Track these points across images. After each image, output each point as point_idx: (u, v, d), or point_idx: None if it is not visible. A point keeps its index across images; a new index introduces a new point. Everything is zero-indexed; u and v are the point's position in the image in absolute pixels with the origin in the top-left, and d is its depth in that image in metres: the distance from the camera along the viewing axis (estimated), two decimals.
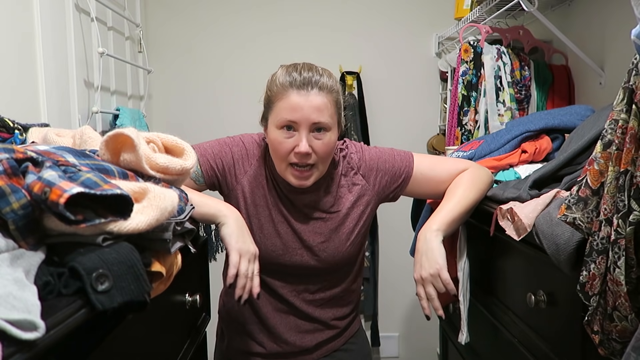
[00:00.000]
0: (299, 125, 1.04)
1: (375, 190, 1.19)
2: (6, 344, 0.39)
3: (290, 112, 1.03)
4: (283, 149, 1.05)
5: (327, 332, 1.26)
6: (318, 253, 1.17)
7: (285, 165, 1.07)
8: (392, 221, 2.27)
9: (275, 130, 1.06)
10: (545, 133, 1.33)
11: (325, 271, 1.20)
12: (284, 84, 1.05)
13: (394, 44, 2.27)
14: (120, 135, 0.71)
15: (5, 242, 0.51)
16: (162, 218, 0.61)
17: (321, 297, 1.23)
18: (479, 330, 1.30)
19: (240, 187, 1.16)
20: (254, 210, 1.15)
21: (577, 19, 1.79)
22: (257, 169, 1.16)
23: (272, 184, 1.16)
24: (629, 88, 0.66)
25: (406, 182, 1.19)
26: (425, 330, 2.33)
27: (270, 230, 1.15)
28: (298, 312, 1.22)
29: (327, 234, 1.17)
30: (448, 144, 1.92)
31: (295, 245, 1.16)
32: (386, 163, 1.18)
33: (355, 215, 1.18)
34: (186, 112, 2.27)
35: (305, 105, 1.02)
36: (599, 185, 0.71)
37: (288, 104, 1.03)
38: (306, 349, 1.24)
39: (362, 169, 1.18)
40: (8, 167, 0.53)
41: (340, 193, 1.17)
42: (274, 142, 1.07)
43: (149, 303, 0.58)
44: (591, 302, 0.72)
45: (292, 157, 1.05)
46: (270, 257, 1.16)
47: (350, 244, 1.18)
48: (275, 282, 1.20)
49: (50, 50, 1.38)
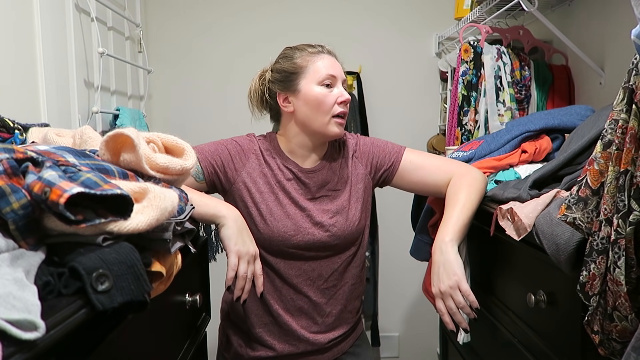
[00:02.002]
0: (337, 79, 1.19)
1: (367, 171, 1.27)
2: (6, 344, 0.39)
3: (330, 68, 1.18)
4: (329, 101, 1.17)
5: (338, 330, 1.26)
6: (329, 228, 1.20)
7: (329, 119, 1.18)
8: (392, 221, 2.27)
9: (316, 87, 1.17)
10: (545, 133, 1.33)
11: (337, 248, 1.23)
12: (314, 52, 1.20)
13: (394, 44, 2.27)
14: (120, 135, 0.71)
15: (5, 242, 0.51)
16: (162, 218, 0.61)
17: (334, 284, 1.24)
18: (479, 330, 1.30)
19: (242, 179, 1.20)
20: (259, 198, 1.19)
21: (577, 19, 1.79)
22: (255, 160, 1.22)
23: (279, 170, 1.22)
24: (629, 88, 0.67)
25: (395, 166, 1.26)
26: (425, 330, 2.33)
27: (280, 213, 1.19)
28: (312, 305, 1.23)
29: (334, 210, 1.22)
30: (448, 144, 1.92)
31: (305, 225, 1.19)
32: (378, 148, 1.28)
33: (356, 193, 1.25)
34: (186, 112, 2.27)
35: (336, 65, 1.20)
36: (599, 185, 0.71)
37: (326, 62, 1.19)
38: (318, 348, 1.24)
39: (357, 152, 1.29)
40: (8, 167, 0.53)
41: (343, 173, 1.26)
42: (319, 97, 1.17)
43: (149, 303, 0.58)
44: (591, 302, 0.72)
45: (335, 108, 1.18)
46: (283, 238, 1.18)
47: (356, 219, 1.23)
48: (290, 271, 1.21)
49: (50, 50, 1.38)
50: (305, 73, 1.18)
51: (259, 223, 1.18)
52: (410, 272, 2.23)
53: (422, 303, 2.17)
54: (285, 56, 1.22)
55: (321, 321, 1.24)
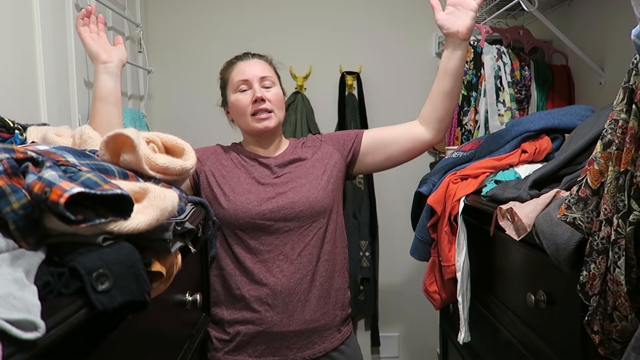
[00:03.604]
0: (251, 81, 1.28)
1: (336, 148, 1.36)
2: (6, 344, 0.39)
3: (241, 74, 1.29)
4: (243, 103, 1.28)
5: (315, 322, 1.25)
6: (291, 195, 1.25)
7: (249, 119, 1.28)
8: (392, 221, 2.27)
9: (234, 95, 1.30)
10: (545, 133, 1.33)
11: (303, 217, 1.24)
12: (230, 62, 1.34)
13: (394, 44, 2.27)
14: (120, 135, 0.71)
15: (5, 242, 0.51)
16: (162, 218, 0.61)
17: (308, 259, 1.24)
18: (479, 330, 1.30)
19: (207, 168, 1.30)
20: (222, 180, 1.28)
21: (577, 19, 1.79)
22: (217, 156, 1.33)
23: (241, 158, 1.33)
24: (629, 88, 0.67)
25: (360, 135, 1.36)
26: (425, 330, 2.34)
27: (241, 189, 1.26)
28: (284, 289, 1.22)
29: (297, 179, 1.29)
30: (448, 144, 1.92)
31: (269, 195, 1.25)
32: (342, 132, 1.41)
33: (321, 165, 1.32)
34: (186, 112, 2.27)
35: (251, 67, 1.30)
36: (599, 185, 0.71)
37: (238, 70, 1.31)
38: (302, 328, 1.23)
39: (322, 138, 1.40)
40: (8, 167, 0.53)
41: (307, 153, 1.35)
42: (235, 103, 1.30)
43: (149, 303, 0.58)
44: (591, 302, 0.72)
45: (250, 107, 1.27)
46: (247, 209, 1.22)
47: (321, 188, 1.28)
48: (261, 246, 1.23)
49: (50, 50, 1.38)
50: (227, 84, 1.33)
51: (222, 201, 1.24)
52: (410, 272, 2.23)
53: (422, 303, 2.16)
54: (220, 71, 1.37)
55: (293, 308, 1.22)
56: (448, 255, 1.32)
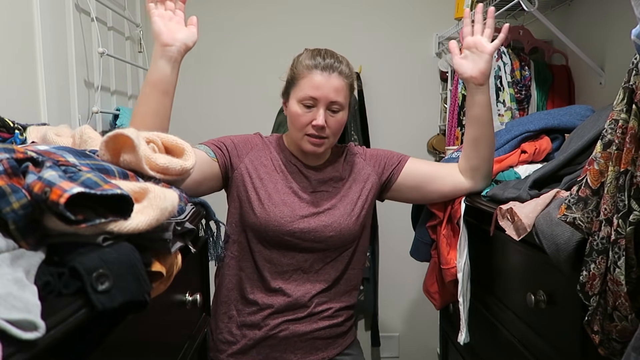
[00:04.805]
0: (319, 101, 1.17)
1: (374, 170, 1.31)
2: (6, 344, 0.39)
3: (313, 90, 1.16)
4: (302, 121, 1.18)
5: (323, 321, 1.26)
6: (325, 218, 1.22)
7: (302, 135, 1.20)
8: (392, 221, 2.27)
9: (297, 104, 1.19)
10: (545, 133, 1.33)
11: (333, 242, 1.23)
12: (309, 66, 1.18)
13: (394, 44, 2.27)
14: (120, 135, 0.71)
15: (5, 242, 0.51)
16: (162, 218, 0.61)
17: (325, 278, 1.25)
18: (479, 330, 1.30)
19: (244, 165, 1.24)
20: (259, 183, 1.23)
21: (577, 19, 1.79)
22: (258, 151, 1.26)
23: (282, 163, 1.26)
24: (629, 88, 0.67)
25: (402, 164, 1.31)
26: (425, 330, 2.33)
27: (277, 200, 1.21)
28: (297, 304, 1.23)
29: (333, 202, 1.25)
30: (448, 144, 1.92)
31: (302, 212, 1.21)
32: (385, 152, 1.35)
33: (357, 189, 1.28)
34: (186, 112, 2.26)
35: (326, 86, 1.16)
36: (599, 185, 0.71)
37: (312, 82, 1.17)
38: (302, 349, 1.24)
39: (364, 155, 1.34)
40: (8, 167, 0.53)
41: (347, 172, 1.30)
42: (294, 114, 1.20)
43: (149, 303, 0.58)
44: (591, 302, 0.72)
45: (309, 128, 1.18)
46: (279, 224, 1.19)
47: (354, 215, 1.25)
48: (283, 259, 1.22)
49: (50, 50, 1.38)
50: (295, 85, 1.20)
51: (256, 208, 1.20)
52: (410, 272, 2.23)
53: (422, 303, 2.17)
54: (297, 60, 1.24)
55: (304, 316, 1.24)
56: (447, 258, 1.32)
